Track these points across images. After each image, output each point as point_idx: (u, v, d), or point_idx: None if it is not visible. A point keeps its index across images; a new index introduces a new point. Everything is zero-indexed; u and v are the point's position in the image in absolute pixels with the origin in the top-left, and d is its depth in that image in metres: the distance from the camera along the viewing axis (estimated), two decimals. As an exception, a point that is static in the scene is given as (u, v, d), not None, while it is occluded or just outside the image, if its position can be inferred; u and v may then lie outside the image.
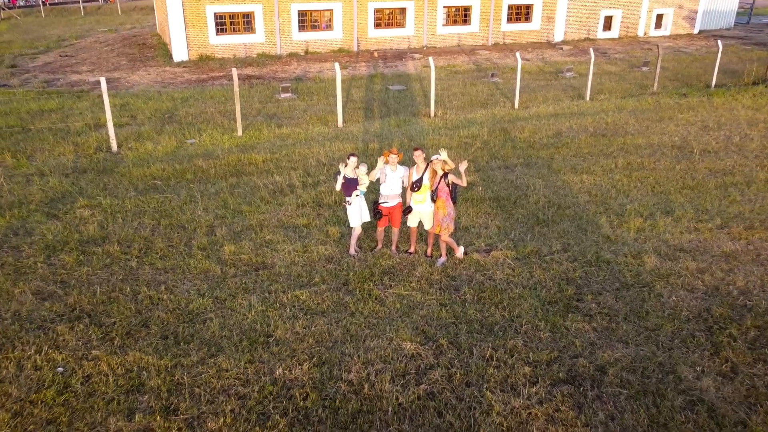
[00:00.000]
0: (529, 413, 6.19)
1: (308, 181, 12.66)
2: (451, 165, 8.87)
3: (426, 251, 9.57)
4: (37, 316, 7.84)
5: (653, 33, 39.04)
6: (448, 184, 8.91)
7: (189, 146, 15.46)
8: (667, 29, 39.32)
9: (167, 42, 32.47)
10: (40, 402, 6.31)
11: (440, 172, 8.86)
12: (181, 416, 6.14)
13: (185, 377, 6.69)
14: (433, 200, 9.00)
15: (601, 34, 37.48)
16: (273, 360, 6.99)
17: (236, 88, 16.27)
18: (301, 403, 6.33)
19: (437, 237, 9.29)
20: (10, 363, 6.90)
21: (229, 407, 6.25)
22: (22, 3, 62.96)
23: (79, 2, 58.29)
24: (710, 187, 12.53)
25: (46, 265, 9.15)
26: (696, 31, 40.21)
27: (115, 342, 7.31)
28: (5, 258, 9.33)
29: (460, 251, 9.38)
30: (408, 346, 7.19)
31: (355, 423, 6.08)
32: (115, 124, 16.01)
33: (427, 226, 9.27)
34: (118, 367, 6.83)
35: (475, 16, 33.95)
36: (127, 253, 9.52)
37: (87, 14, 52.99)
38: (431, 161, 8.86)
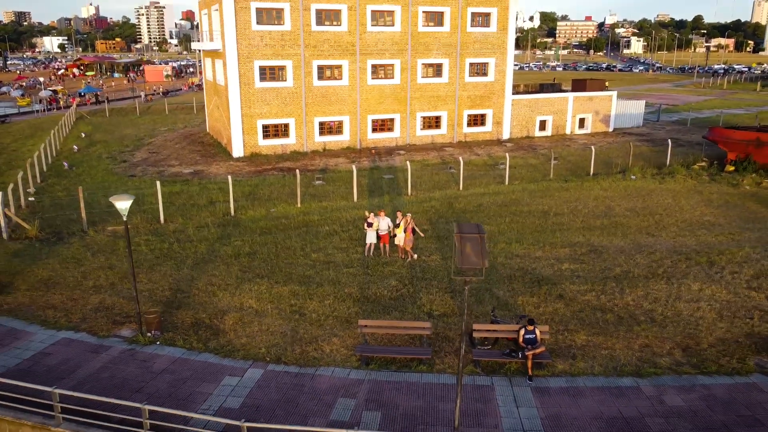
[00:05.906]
0: (435, 300, 17.98)
1: (343, 229, 24.71)
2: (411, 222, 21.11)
3: (401, 256, 21.49)
4: (245, 277, 19.64)
5: (578, 131, 52.56)
6: (411, 228, 20.98)
7: (272, 213, 27.57)
8: (588, 128, 52.89)
9: (222, 142, 45.36)
10: (265, 299, 18.05)
11: (409, 221, 20.97)
12: (316, 299, 17.89)
13: (312, 292, 18.46)
14: (405, 232, 21.04)
15: (538, 133, 50.87)
16: (343, 286, 18.78)
17: (298, 180, 28.62)
18: (355, 297, 18.10)
19: (406, 250, 21.30)
20: (246, 290, 18.65)
21: (332, 296, 18.01)
22: (78, 101, 76.63)
23: (134, 99, 72.15)
24: (548, 230, 24.68)
25: (236, 261, 21.02)
26: (611, 129, 53.81)
27: (280, 283, 19.10)
28: (215, 260, 21.20)
29: (415, 256, 21.36)
30: (393, 284, 19.03)
31: (376, 301, 17.85)
32: (223, 201, 28.37)
33: (402, 245, 21.27)
34: (287, 290, 18.59)
35: (443, 122, 47.33)
36: (270, 257, 21.40)
37: (141, 113, 66.40)
38: (405, 216, 20.99)
